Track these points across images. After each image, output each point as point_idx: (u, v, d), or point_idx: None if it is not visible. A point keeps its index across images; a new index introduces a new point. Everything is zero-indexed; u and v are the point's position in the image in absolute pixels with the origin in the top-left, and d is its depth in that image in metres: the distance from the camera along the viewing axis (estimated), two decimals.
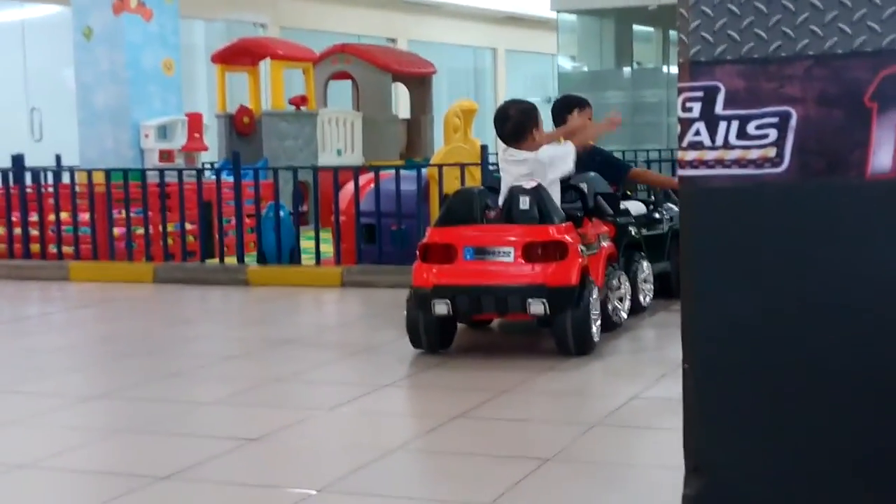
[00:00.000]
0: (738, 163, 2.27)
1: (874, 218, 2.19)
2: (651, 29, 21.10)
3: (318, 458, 4.05)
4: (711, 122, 2.27)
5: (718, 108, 2.27)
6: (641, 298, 6.78)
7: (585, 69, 20.71)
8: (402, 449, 4.12)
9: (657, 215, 7.40)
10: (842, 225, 2.21)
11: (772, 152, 2.25)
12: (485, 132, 11.80)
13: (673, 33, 20.94)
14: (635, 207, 7.13)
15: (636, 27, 20.75)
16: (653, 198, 7.60)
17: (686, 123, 2.29)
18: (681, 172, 2.31)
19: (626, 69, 20.68)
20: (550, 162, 5.93)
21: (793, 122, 2.23)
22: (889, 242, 2.19)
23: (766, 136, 2.25)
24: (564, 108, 7.09)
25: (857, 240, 2.21)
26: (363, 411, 4.75)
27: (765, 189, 2.25)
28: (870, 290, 2.21)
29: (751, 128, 2.25)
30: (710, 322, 2.29)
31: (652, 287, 6.99)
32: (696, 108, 2.28)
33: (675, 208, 7.74)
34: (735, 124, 2.26)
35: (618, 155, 15.99)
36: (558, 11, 19.19)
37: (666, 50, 21.01)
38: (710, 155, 2.28)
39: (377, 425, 4.58)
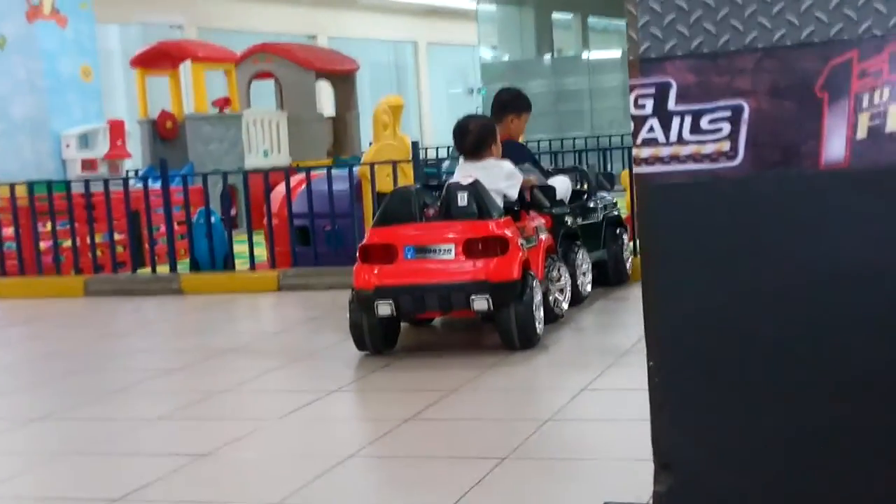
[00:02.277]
0: (693, 158, 2.27)
1: (829, 207, 2.21)
2: (570, 16, 21.23)
3: (272, 470, 3.99)
4: (664, 118, 2.27)
5: (671, 104, 2.27)
6: (581, 288, 6.80)
7: (507, 59, 20.77)
8: (357, 456, 4.08)
9: (591, 204, 7.42)
10: (798, 215, 2.23)
11: (726, 146, 2.25)
12: (410, 128, 11.76)
13: (592, 19, 21.10)
14: (561, 183, 7.07)
15: (555, 15, 20.87)
16: (585, 186, 7.61)
17: (639, 120, 2.29)
18: (636, 170, 2.31)
19: (547, 57, 20.79)
20: (508, 175, 6.10)
21: (745, 115, 2.23)
22: (844, 231, 2.21)
23: (719, 129, 2.25)
24: (504, 107, 7.04)
25: (814, 229, 2.22)
26: (313, 418, 4.70)
27: (721, 183, 2.26)
28: (828, 278, 2.22)
29: (704, 122, 2.26)
30: (672, 318, 2.29)
31: (591, 277, 7.01)
32: (649, 104, 2.28)
33: (609, 196, 7.78)
34: (688, 119, 2.26)
35: (545, 144, 16.05)
36: (478, 2, 19.22)
37: (585, 37, 21.16)
38: (664, 151, 2.28)
39: (329, 432, 4.53)
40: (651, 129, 2.28)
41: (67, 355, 6.51)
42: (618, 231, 7.58)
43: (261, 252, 9.13)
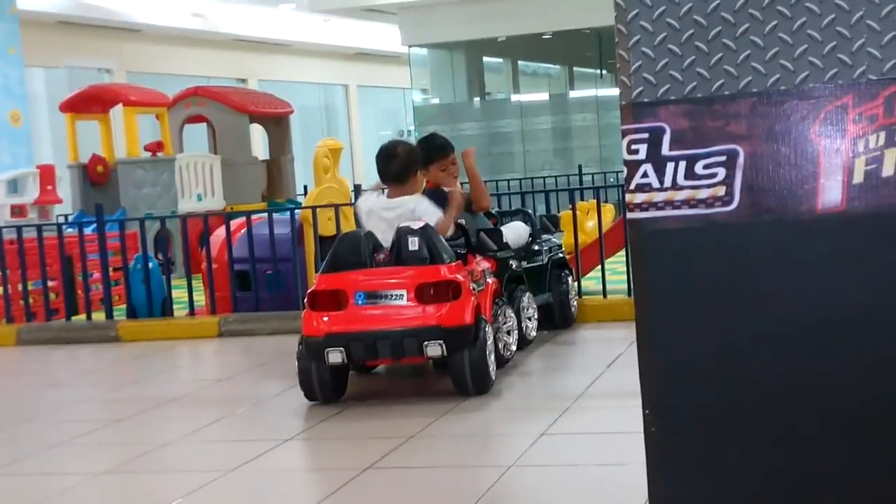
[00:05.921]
0: (688, 203, 2.24)
1: (826, 252, 2.20)
2: (500, 60, 21.41)
3: None
4: (658, 163, 2.25)
5: (665, 150, 2.24)
6: (526, 332, 6.75)
7: (438, 101, 20.86)
8: None
9: (536, 247, 7.40)
10: (795, 261, 2.21)
11: (721, 191, 2.23)
12: (342, 170, 11.67)
13: (522, 63, 21.29)
14: (514, 230, 7.04)
15: (486, 59, 21.04)
16: (530, 229, 7.59)
17: (633, 166, 2.26)
18: (630, 216, 2.27)
19: (478, 100, 20.93)
20: (421, 214, 5.85)
21: (740, 160, 2.22)
22: (841, 275, 2.19)
23: (714, 174, 2.23)
24: (426, 160, 6.72)
25: (811, 274, 2.21)
26: (269, 470, 4.57)
27: (716, 228, 2.23)
28: (826, 324, 2.21)
29: (699, 167, 2.24)
30: (668, 366, 2.25)
31: (536, 320, 6.97)
32: (643, 150, 2.25)
33: (554, 239, 7.78)
34: (682, 165, 2.24)
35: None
36: (409, 46, 19.30)
37: (516, 80, 21.35)
38: (658, 197, 2.25)
39: (287, 484, 4.41)
40: (645, 175, 2.25)
41: (3, 407, 6.28)
42: (563, 274, 7.57)
43: (199, 297, 8.95)
